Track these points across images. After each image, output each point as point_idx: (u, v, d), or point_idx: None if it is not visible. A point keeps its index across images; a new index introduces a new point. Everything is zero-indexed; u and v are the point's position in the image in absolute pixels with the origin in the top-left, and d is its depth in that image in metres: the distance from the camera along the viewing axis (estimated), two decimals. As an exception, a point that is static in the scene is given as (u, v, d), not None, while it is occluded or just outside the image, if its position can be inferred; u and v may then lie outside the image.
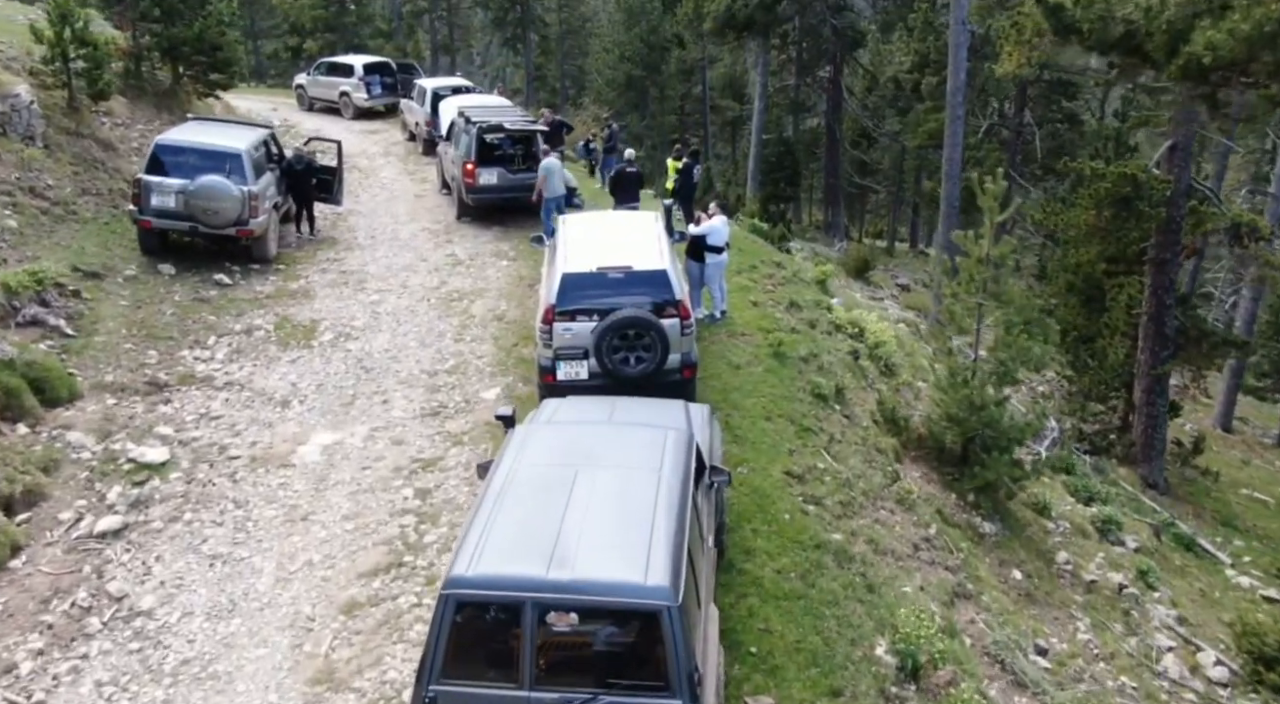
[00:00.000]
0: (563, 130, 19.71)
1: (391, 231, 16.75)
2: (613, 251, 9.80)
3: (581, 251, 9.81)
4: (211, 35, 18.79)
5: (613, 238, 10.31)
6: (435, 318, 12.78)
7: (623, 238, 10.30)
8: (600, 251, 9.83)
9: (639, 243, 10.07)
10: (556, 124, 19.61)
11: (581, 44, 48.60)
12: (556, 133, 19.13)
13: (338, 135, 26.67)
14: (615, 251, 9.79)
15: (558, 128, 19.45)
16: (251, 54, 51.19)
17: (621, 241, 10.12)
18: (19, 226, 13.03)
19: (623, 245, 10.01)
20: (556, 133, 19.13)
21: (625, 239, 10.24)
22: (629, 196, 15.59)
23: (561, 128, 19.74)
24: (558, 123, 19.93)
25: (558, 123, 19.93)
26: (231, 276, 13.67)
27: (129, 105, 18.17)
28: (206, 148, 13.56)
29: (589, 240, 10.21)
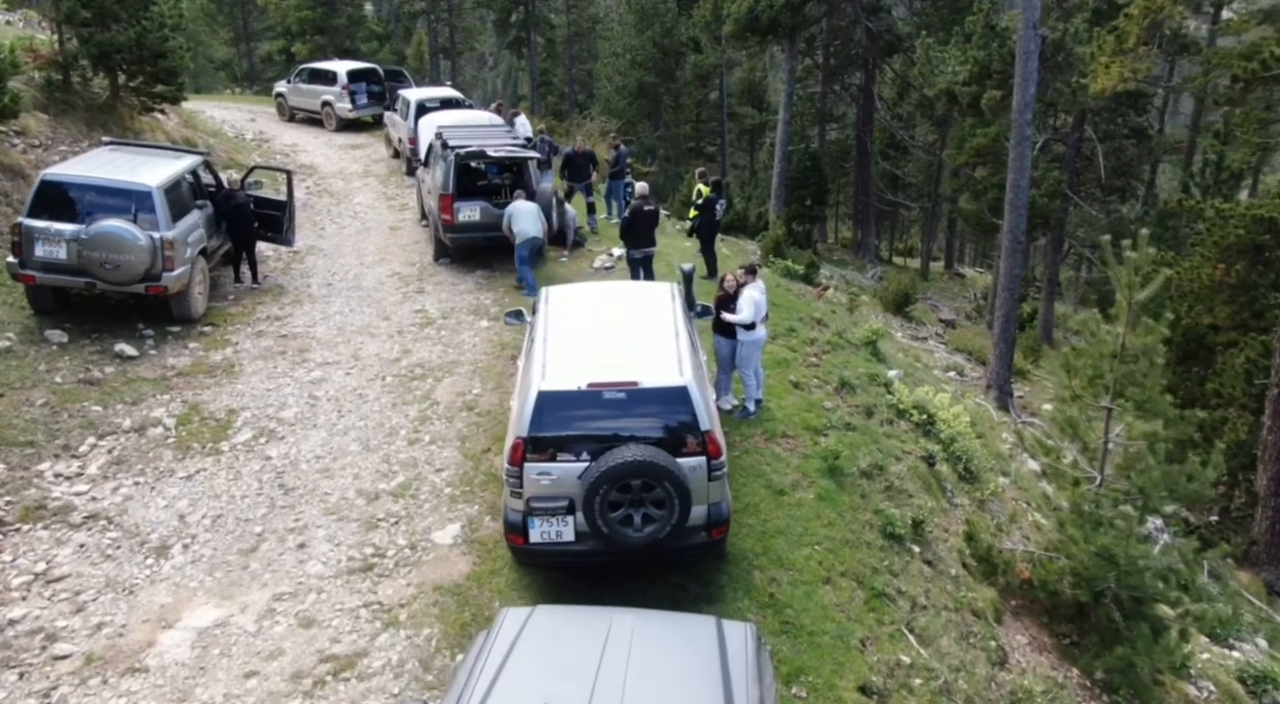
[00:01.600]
0: (590, 164, 17.06)
1: (354, 277, 13.96)
2: (611, 353, 6.98)
3: (567, 352, 6.99)
4: (152, 41, 16.05)
5: (612, 328, 7.48)
6: (389, 406, 9.97)
7: (626, 328, 7.47)
8: (594, 352, 7.02)
9: (649, 337, 7.24)
10: (588, 152, 17.19)
11: (590, 48, 45.81)
12: (584, 165, 16.71)
13: (316, 149, 24.12)
14: (615, 353, 6.97)
15: (585, 159, 16.90)
16: (245, 57, 48.80)
17: (624, 336, 7.30)
18: None
19: (626, 341, 7.19)
20: (584, 165, 16.71)
21: (629, 330, 7.41)
22: (645, 239, 12.75)
23: (590, 161, 17.08)
24: (590, 151, 17.49)
25: (590, 151, 17.49)
26: (140, 344, 10.91)
27: (51, 123, 15.47)
28: (107, 184, 10.80)
29: (579, 332, 7.40)
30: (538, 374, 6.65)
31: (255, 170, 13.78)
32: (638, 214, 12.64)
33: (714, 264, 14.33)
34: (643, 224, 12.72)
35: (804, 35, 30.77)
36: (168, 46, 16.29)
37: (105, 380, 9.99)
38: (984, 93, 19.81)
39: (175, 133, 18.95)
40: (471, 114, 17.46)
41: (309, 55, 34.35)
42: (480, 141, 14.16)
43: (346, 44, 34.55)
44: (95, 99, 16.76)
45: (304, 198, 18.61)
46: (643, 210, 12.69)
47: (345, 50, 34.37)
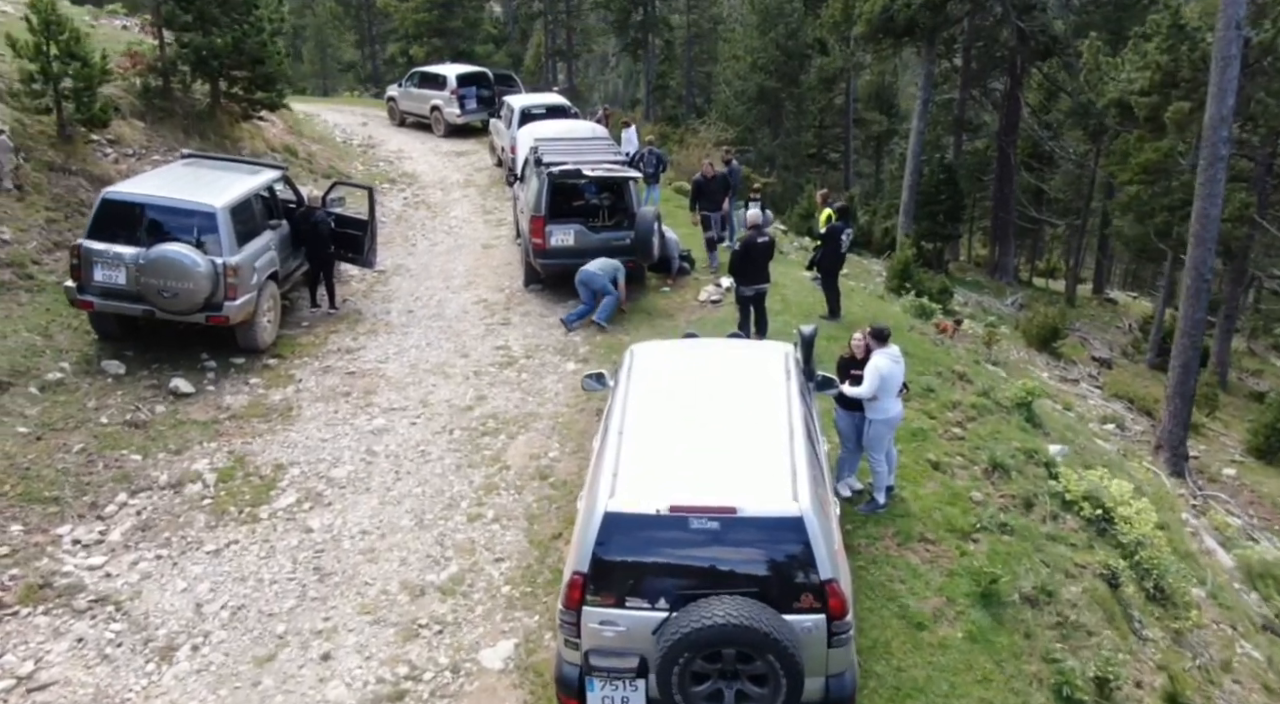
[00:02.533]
0: (726, 190, 14.13)
1: (437, 303, 12.82)
2: (704, 456, 5.36)
3: (647, 452, 5.41)
4: (251, 46, 15.44)
5: (708, 416, 5.85)
6: (452, 468, 8.66)
7: (727, 416, 5.83)
8: (681, 454, 5.42)
9: (756, 434, 5.59)
10: (721, 177, 14.20)
11: (710, 49, 44.14)
12: (721, 188, 14.03)
13: (420, 156, 23.42)
14: (708, 458, 5.35)
15: (719, 185, 14.05)
16: (369, 60, 49.46)
17: (723, 430, 5.66)
18: (-69, 305, 9.76)
19: (725, 439, 5.56)
20: (721, 188, 14.03)
21: (731, 421, 5.76)
22: (758, 275, 11.07)
23: (725, 186, 14.13)
24: (723, 175, 14.29)
25: (723, 175, 14.29)
26: (198, 379, 10.00)
27: (147, 130, 15.02)
28: (170, 204, 9.93)
29: (665, 420, 5.81)
30: (605, 484, 5.10)
31: (337, 186, 12.81)
32: (750, 247, 10.95)
33: (837, 302, 12.49)
34: (756, 258, 11.02)
35: (943, 36, 28.22)
36: (266, 52, 15.66)
37: (152, 423, 9.07)
38: (1167, 104, 17.01)
39: (277, 140, 18.45)
40: (574, 125, 16.14)
41: (425, 58, 34.11)
42: (578, 158, 12.78)
43: (462, 47, 34.12)
44: (194, 106, 16.32)
45: (400, 209, 17.78)
46: (755, 243, 11.00)
47: (460, 53, 33.94)
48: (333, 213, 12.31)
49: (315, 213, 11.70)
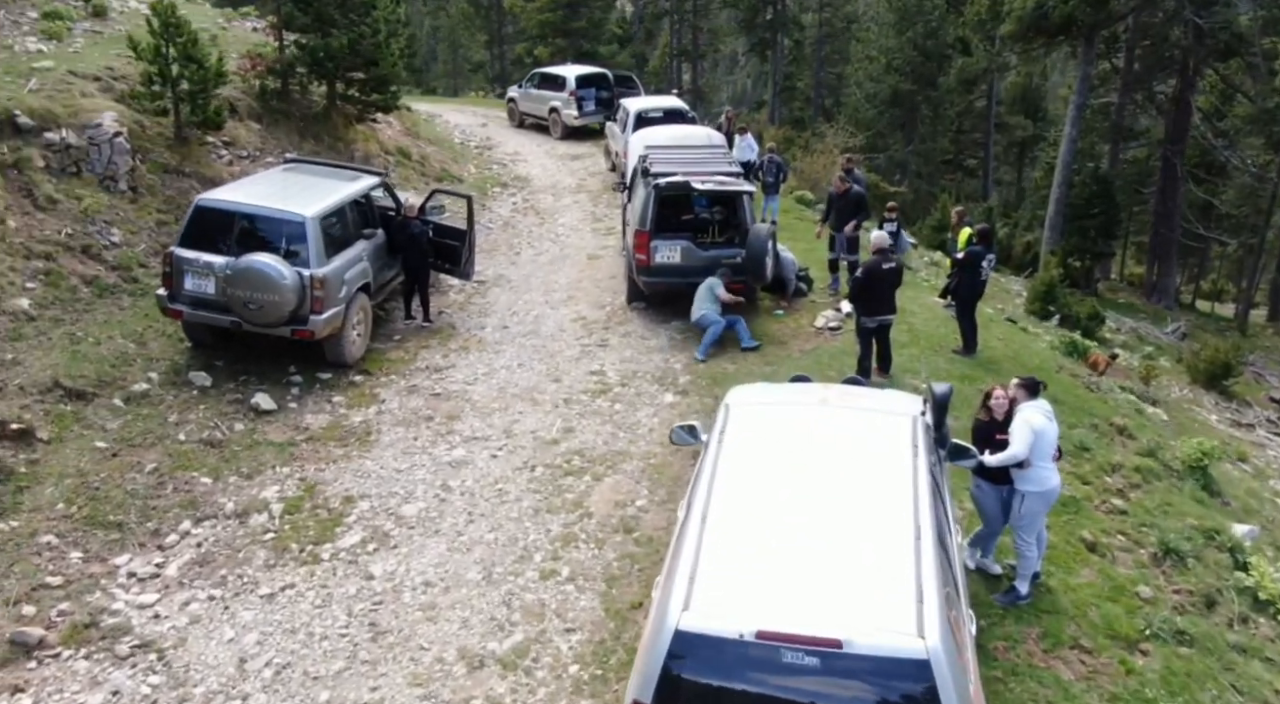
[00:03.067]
0: (859, 206, 12.51)
1: (535, 319, 12.14)
2: (804, 561, 4.31)
3: (732, 549, 4.41)
4: (366, 48, 15.23)
5: (814, 501, 4.78)
6: (530, 512, 7.88)
7: (837, 502, 4.74)
8: (775, 555, 4.38)
9: (873, 531, 4.50)
10: (856, 196, 12.49)
11: (841, 49, 42.31)
12: (855, 206, 12.39)
13: (535, 158, 22.98)
14: (809, 563, 4.30)
15: (858, 199, 12.46)
16: (498, 60, 50.00)
17: (831, 521, 4.58)
18: (33, 307, 9.74)
19: (833, 534, 4.49)
20: (855, 206, 12.39)
21: (842, 509, 4.68)
22: (882, 306, 9.85)
23: (859, 203, 12.51)
24: (859, 194, 12.60)
25: (859, 194, 12.60)
26: (281, 395, 9.62)
27: (263, 132, 15.02)
28: (260, 212, 9.58)
29: (759, 502, 4.79)
30: (680, 590, 4.13)
31: (436, 194, 12.30)
32: (874, 274, 9.72)
33: (973, 336, 11.08)
34: (879, 286, 9.79)
35: (1104, 35, 25.70)
36: (381, 53, 15.41)
37: (229, 442, 8.69)
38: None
39: (391, 142, 18.32)
40: (689, 131, 15.18)
41: (549, 58, 33.94)
42: (689, 169, 11.81)
43: (586, 47, 33.73)
44: (310, 108, 16.28)
45: (508, 215, 17.30)
46: (879, 269, 9.76)
47: (584, 53, 33.58)
48: (430, 222, 11.81)
49: (411, 222, 11.19)
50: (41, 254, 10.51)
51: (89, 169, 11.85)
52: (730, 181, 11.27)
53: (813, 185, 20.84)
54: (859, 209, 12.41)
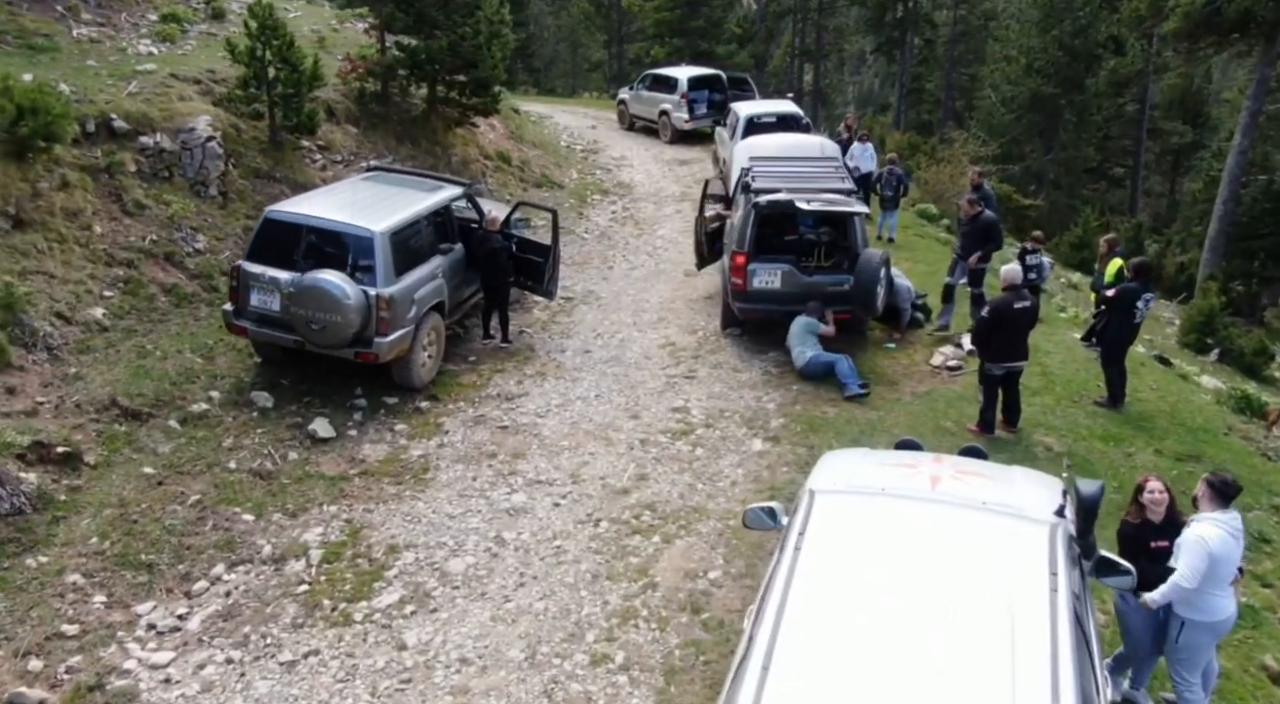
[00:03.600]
0: (995, 231, 11.03)
1: (620, 343, 11.25)
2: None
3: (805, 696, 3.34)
4: (466, 50, 14.71)
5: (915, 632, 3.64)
6: (588, 577, 6.97)
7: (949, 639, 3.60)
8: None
9: (1000, 684, 3.34)
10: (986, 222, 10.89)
11: (976, 49, 39.71)
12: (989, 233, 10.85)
13: (641, 164, 22.10)
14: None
15: (986, 226, 10.85)
16: (616, 59, 49.55)
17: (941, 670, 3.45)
18: (107, 317, 9.54)
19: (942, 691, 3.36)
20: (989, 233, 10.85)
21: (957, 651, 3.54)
22: (1012, 351, 8.48)
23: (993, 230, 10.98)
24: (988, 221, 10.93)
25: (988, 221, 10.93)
26: (342, 420, 9.06)
27: (360, 136, 14.72)
28: (328, 226, 9.04)
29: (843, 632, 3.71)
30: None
31: (520, 206, 11.55)
32: (1004, 314, 8.34)
33: (1121, 387, 9.50)
34: (1010, 328, 8.40)
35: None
36: (481, 56, 14.86)
37: (279, 473, 8.16)
38: None
39: (492, 146, 17.84)
40: (800, 141, 13.94)
41: (666, 58, 33.08)
42: (796, 185, 10.65)
43: (704, 47, 32.69)
44: (410, 111, 15.92)
45: (605, 225, 16.50)
46: (1011, 308, 8.37)
47: (701, 53, 32.55)
48: (514, 236, 11.10)
49: (492, 236, 10.47)
50: (124, 261, 10.35)
51: (180, 174, 11.71)
52: (840, 201, 10.03)
53: (937, 197, 19.17)
54: (989, 237, 10.87)
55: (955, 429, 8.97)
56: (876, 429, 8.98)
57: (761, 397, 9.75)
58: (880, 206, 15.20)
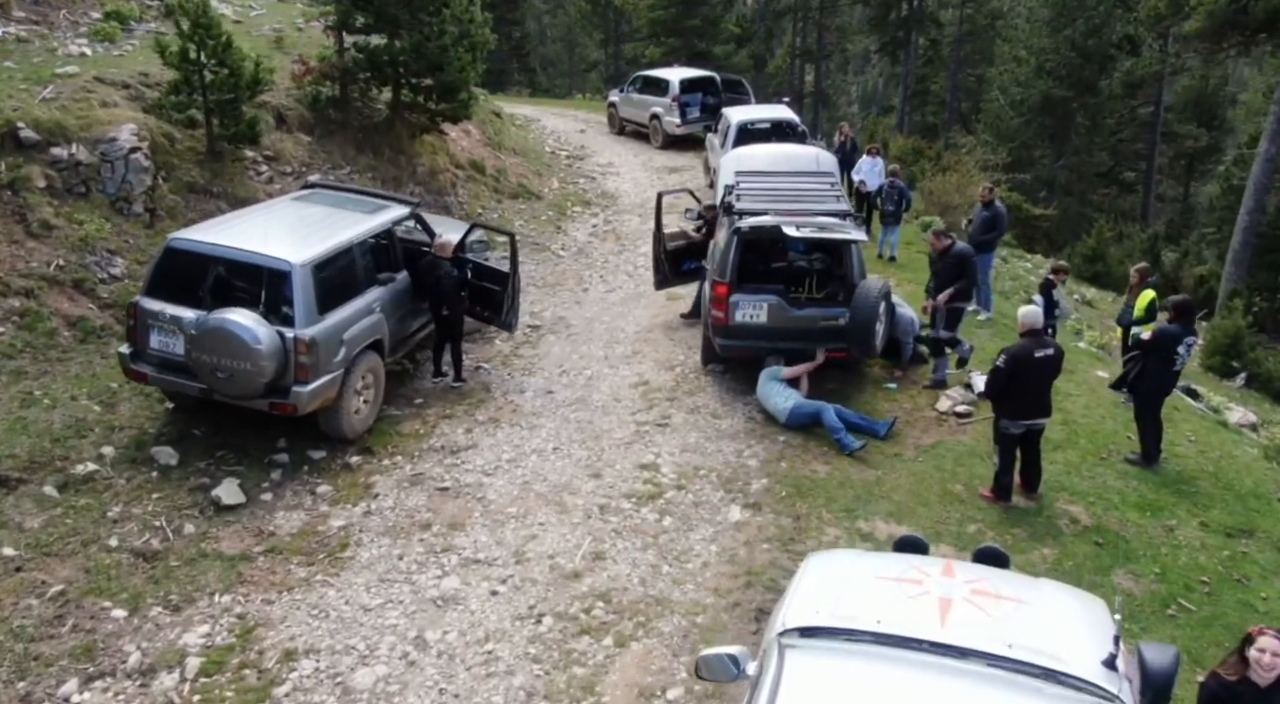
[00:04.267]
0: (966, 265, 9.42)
1: (587, 381, 10.00)
2: None
3: None
4: (430, 51, 13.47)
5: None
6: (520, 698, 5.72)
7: None
8: None
9: None
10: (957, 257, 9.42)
11: (982, 49, 38.39)
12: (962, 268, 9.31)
13: (629, 171, 20.81)
14: None
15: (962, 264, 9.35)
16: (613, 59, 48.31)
17: None
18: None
19: None
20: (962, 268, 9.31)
21: None
22: (1032, 406, 7.24)
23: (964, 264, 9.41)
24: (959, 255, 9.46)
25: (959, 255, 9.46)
26: (255, 482, 7.83)
27: (314, 145, 13.49)
28: (239, 257, 7.80)
29: None
30: None
31: (475, 228, 10.30)
32: (1022, 363, 7.09)
33: (1156, 441, 8.24)
34: (1030, 380, 7.15)
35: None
36: (447, 58, 13.61)
37: (168, 552, 6.92)
38: None
39: (464, 154, 16.59)
40: (794, 152, 12.66)
41: (661, 59, 31.83)
42: (785, 205, 9.40)
43: (700, 47, 31.42)
44: (372, 117, 14.69)
45: (584, 240, 15.26)
46: (1031, 357, 7.12)
47: (697, 54, 31.29)
48: (469, 261, 9.86)
49: (441, 263, 9.22)
50: (21, 290, 9.14)
51: (99, 189, 10.50)
52: (835, 227, 8.74)
53: (944, 209, 17.90)
54: (960, 272, 9.35)
55: (966, 495, 7.72)
56: (874, 494, 7.74)
57: (743, 450, 8.50)
58: (880, 222, 13.95)
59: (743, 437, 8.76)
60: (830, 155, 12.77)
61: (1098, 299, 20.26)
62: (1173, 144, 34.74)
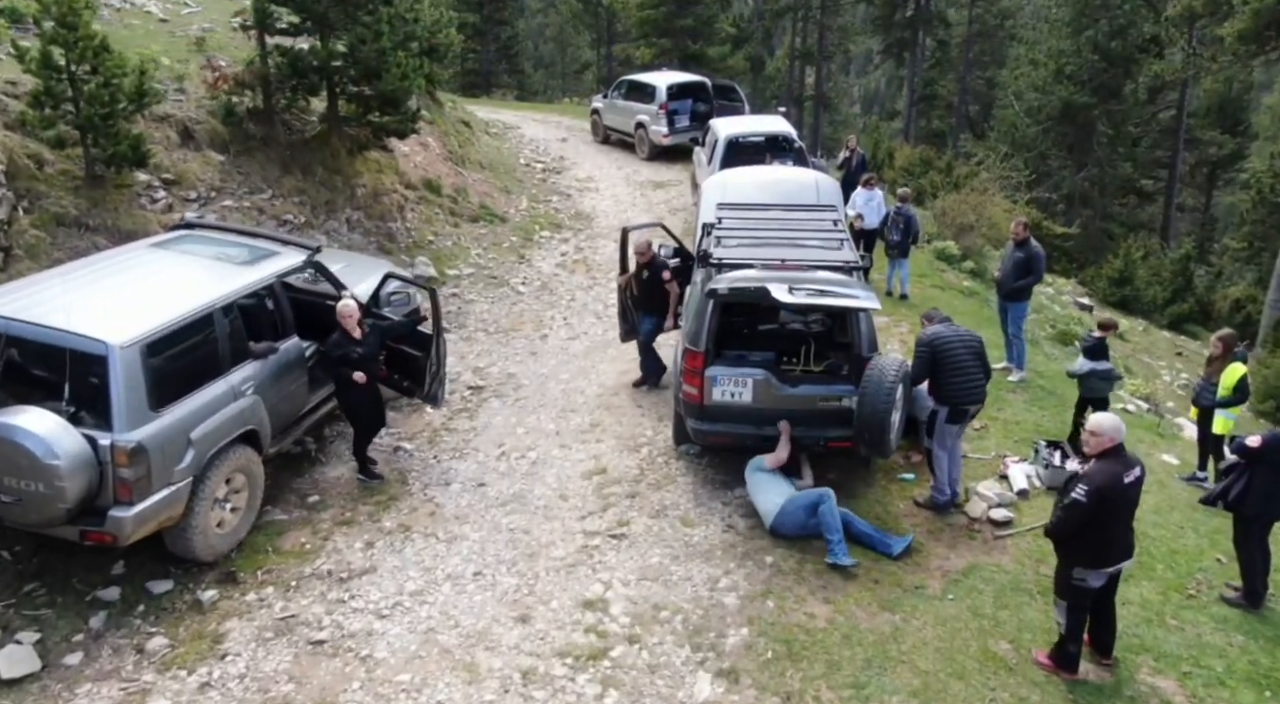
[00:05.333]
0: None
1: (528, 469, 8.03)
2: None
3: None
4: (366, 55, 11.52)
5: None
6: None
7: None
8: None
9: None
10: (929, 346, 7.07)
11: (992, 50, 36.43)
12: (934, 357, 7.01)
13: (609, 187, 18.66)
14: None
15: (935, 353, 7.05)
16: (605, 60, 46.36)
17: None
18: None
19: None
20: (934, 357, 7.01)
21: None
22: (1116, 546, 5.29)
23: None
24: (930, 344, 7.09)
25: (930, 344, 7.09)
26: (66, 633, 5.88)
27: (229, 165, 11.51)
28: (37, 334, 5.84)
29: None
30: None
31: (390, 279, 8.30)
32: (1107, 496, 5.12)
33: (1263, 575, 6.25)
34: (1114, 511, 5.19)
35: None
36: (385, 63, 11.65)
37: (-92, 760, 4.97)
38: None
39: (417, 172, 14.62)
40: (789, 177, 10.64)
41: (652, 61, 29.88)
42: (775, 252, 7.44)
43: (693, 48, 29.43)
44: (304, 131, 12.72)
45: (550, 272, 13.30)
46: (1120, 485, 5.16)
47: (690, 56, 29.30)
48: (386, 319, 7.91)
49: (338, 342, 7.23)
50: None
51: (-64, 226, 8.55)
52: (839, 289, 6.72)
53: (958, 232, 15.92)
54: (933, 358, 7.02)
55: (1015, 659, 5.76)
56: (890, 656, 5.77)
57: (718, 579, 6.53)
58: (885, 254, 11.99)
59: (719, 556, 6.79)
60: (831, 181, 10.76)
61: (1128, 330, 18.31)
62: (1194, 151, 32.75)
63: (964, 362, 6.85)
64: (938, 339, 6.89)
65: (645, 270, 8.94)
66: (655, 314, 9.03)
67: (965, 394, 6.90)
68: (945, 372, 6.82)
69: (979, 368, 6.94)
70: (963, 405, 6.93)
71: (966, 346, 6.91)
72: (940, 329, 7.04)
